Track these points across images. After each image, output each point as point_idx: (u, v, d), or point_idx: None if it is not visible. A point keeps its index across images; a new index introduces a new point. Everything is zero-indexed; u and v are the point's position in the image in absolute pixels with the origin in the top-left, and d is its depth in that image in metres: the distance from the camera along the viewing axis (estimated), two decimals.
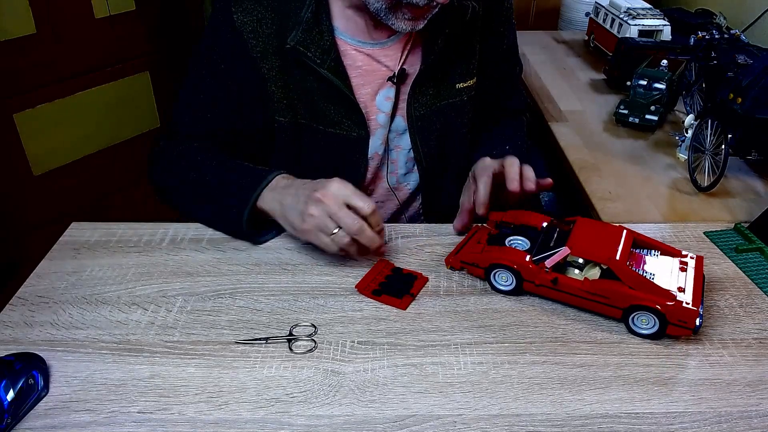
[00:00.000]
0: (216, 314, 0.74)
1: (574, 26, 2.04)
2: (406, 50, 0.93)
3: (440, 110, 0.96)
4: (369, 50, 0.92)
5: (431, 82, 0.94)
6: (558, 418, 0.62)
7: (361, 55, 0.92)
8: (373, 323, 0.73)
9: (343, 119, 0.92)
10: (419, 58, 0.93)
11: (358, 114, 0.92)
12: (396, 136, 0.98)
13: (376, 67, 0.92)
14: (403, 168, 1.02)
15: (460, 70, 0.96)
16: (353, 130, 0.93)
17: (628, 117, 1.29)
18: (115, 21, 1.90)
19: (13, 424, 0.60)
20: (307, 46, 0.87)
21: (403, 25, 0.83)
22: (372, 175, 1.00)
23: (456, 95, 0.97)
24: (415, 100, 0.94)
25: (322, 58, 0.87)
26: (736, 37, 1.26)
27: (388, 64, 0.93)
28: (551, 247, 0.76)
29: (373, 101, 0.94)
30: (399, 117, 0.96)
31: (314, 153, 0.96)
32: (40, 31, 1.71)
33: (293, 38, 0.86)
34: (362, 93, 0.93)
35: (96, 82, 1.90)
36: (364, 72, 0.92)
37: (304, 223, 0.77)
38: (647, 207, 1.02)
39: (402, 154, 1.00)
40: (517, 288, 0.76)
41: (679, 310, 0.68)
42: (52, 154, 1.85)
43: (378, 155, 0.98)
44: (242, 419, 0.61)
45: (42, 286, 0.79)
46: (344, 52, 0.91)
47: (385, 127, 0.96)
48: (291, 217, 0.79)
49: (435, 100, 0.95)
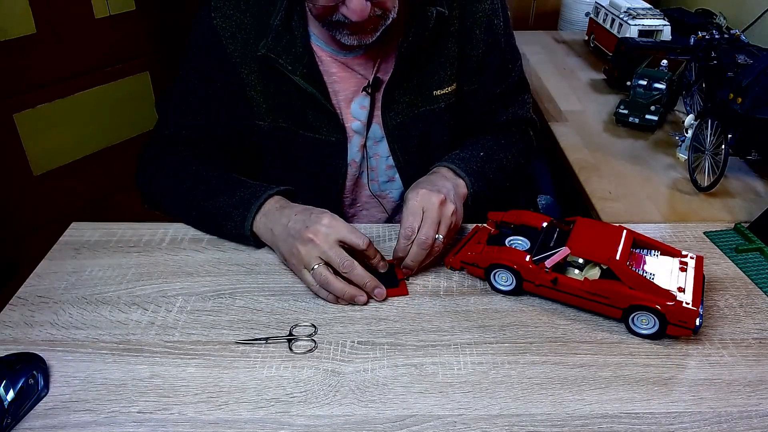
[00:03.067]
0: (216, 314, 0.74)
1: (574, 26, 2.04)
2: (379, 59, 0.91)
3: (417, 118, 0.94)
4: (342, 59, 0.91)
5: (406, 90, 0.92)
6: (558, 418, 0.62)
7: (336, 63, 0.91)
8: (373, 323, 0.73)
9: (321, 125, 0.92)
10: (392, 66, 0.91)
11: (335, 119, 0.91)
12: (374, 144, 0.97)
13: (350, 75, 0.91)
14: (384, 176, 1.00)
15: (438, 77, 0.93)
16: (331, 135, 0.92)
17: (628, 117, 1.29)
18: (115, 21, 1.90)
19: (13, 424, 0.60)
20: (278, 53, 0.86)
21: (348, 39, 0.82)
22: (352, 183, 0.99)
23: (433, 102, 0.94)
24: (389, 108, 0.92)
25: (294, 65, 0.87)
26: (736, 37, 1.26)
27: (362, 72, 0.91)
28: (551, 247, 0.76)
29: (348, 108, 0.93)
30: (375, 125, 0.95)
31: (296, 157, 0.95)
32: (40, 31, 1.71)
33: (264, 45, 0.86)
34: (338, 100, 0.92)
35: (96, 82, 1.90)
36: (339, 79, 0.91)
37: (292, 258, 0.77)
38: (647, 207, 1.02)
39: (381, 161, 0.98)
40: (517, 288, 0.76)
41: (679, 310, 0.68)
42: (52, 154, 1.85)
43: (356, 162, 0.97)
44: (242, 419, 0.61)
45: (42, 286, 0.79)
46: (320, 58, 0.90)
47: (361, 134, 0.95)
48: (281, 249, 0.80)
49: (411, 108, 0.93)
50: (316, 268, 0.74)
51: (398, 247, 0.78)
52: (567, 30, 2.07)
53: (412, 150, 0.96)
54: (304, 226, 0.76)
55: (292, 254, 0.77)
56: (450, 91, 0.95)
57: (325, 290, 0.76)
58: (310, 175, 0.96)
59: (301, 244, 0.76)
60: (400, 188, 1.01)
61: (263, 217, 0.82)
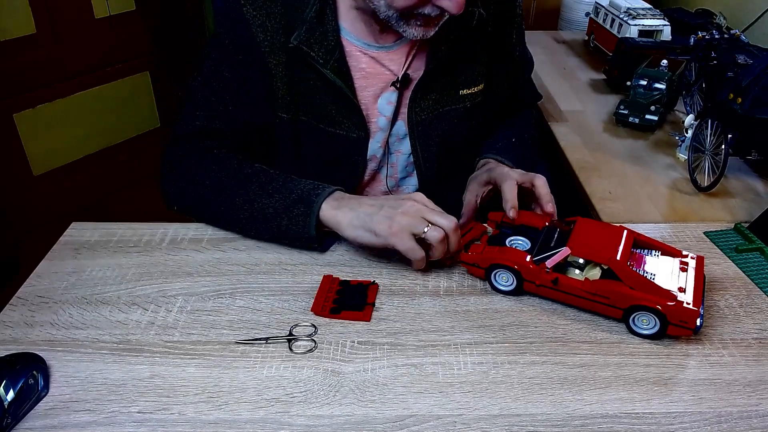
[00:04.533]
0: (216, 314, 0.74)
1: (574, 26, 2.04)
2: (411, 55, 0.92)
3: (441, 116, 0.95)
4: (374, 53, 0.91)
5: (434, 88, 0.93)
6: (558, 418, 0.62)
7: (366, 57, 0.91)
8: (373, 323, 0.73)
9: (344, 119, 0.92)
10: (423, 63, 0.92)
11: (359, 115, 0.91)
12: (396, 141, 0.97)
13: (379, 70, 0.92)
14: (402, 172, 1.01)
15: (465, 77, 0.95)
16: (353, 131, 0.93)
17: (628, 117, 1.29)
18: (115, 21, 1.90)
19: (13, 424, 0.60)
20: (311, 45, 0.86)
21: (415, 32, 0.83)
22: (369, 177, 1.00)
23: (459, 101, 0.96)
24: (416, 105, 0.93)
25: (325, 58, 0.87)
26: (736, 37, 1.26)
27: (392, 68, 0.92)
28: (551, 247, 0.75)
29: (374, 104, 0.94)
30: (400, 121, 0.96)
31: (313, 151, 0.95)
32: (40, 31, 1.71)
33: (296, 37, 0.86)
34: (364, 95, 0.92)
35: (96, 82, 1.91)
36: (368, 74, 0.92)
37: (394, 226, 0.76)
38: (647, 207, 1.02)
39: (402, 158, 0.99)
40: (517, 288, 0.76)
41: (680, 310, 0.68)
42: (52, 154, 1.85)
43: (376, 158, 0.97)
44: (242, 419, 0.61)
45: (42, 286, 0.79)
46: (349, 52, 0.90)
47: (384, 130, 0.95)
48: (374, 223, 0.77)
49: (437, 106, 0.95)
50: (428, 230, 0.76)
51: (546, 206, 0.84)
52: (567, 30, 2.07)
53: (433, 147, 0.97)
54: (401, 199, 0.79)
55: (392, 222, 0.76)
56: (477, 91, 0.97)
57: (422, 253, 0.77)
58: (326, 170, 0.96)
59: (402, 209, 0.77)
60: (415, 185, 1.02)
61: (334, 202, 0.81)
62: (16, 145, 1.73)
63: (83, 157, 1.92)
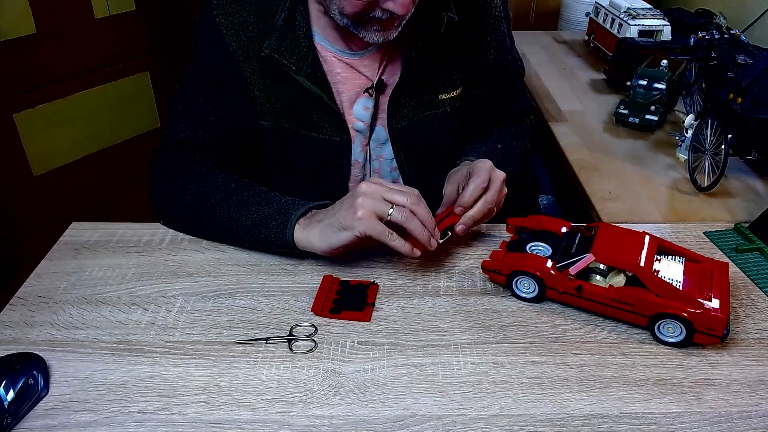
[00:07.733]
0: (216, 314, 0.74)
1: (574, 26, 2.04)
2: (385, 61, 0.91)
3: (422, 121, 0.94)
4: (347, 59, 0.90)
5: (411, 94, 0.92)
6: (558, 418, 0.62)
7: (340, 63, 0.90)
8: (373, 323, 0.73)
9: (325, 124, 0.91)
10: (398, 68, 0.91)
11: (339, 119, 0.91)
12: (377, 146, 0.96)
13: (354, 76, 0.91)
14: (388, 177, 0.99)
15: (443, 81, 0.94)
16: (335, 135, 0.92)
17: (628, 117, 1.29)
18: (115, 21, 1.90)
19: (13, 424, 0.60)
20: (282, 53, 0.86)
21: (375, 37, 0.81)
22: (355, 184, 0.97)
23: (438, 106, 0.94)
24: (395, 111, 0.92)
25: (298, 65, 0.86)
26: (736, 37, 1.26)
27: (366, 74, 0.91)
28: (573, 253, 0.74)
29: (350, 109, 0.93)
30: (379, 127, 0.95)
31: (300, 157, 0.95)
32: (40, 31, 1.71)
33: (268, 45, 0.85)
34: (341, 99, 0.92)
35: (96, 82, 1.90)
36: (343, 79, 0.91)
37: (358, 212, 0.74)
38: (647, 207, 1.02)
39: (385, 163, 0.98)
40: (539, 295, 0.75)
41: (708, 317, 0.67)
42: (52, 154, 1.85)
43: (359, 163, 0.97)
44: (242, 419, 0.61)
45: (42, 286, 0.79)
46: (324, 58, 0.89)
47: (364, 134, 0.94)
48: (339, 219, 0.76)
49: (417, 111, 0.93)
50: (392, 211, 0.74)
51: (466, 198, 0.80)
52: (567, 30, 2.07)
53: (416, 153, 0.96)
54: (352, 194, 0.77)
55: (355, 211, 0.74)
56: (455, 95, 0.95)
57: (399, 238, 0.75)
58: (313, 176, 0.96)
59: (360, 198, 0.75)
60: None
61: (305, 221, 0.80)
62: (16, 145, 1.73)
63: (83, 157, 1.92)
